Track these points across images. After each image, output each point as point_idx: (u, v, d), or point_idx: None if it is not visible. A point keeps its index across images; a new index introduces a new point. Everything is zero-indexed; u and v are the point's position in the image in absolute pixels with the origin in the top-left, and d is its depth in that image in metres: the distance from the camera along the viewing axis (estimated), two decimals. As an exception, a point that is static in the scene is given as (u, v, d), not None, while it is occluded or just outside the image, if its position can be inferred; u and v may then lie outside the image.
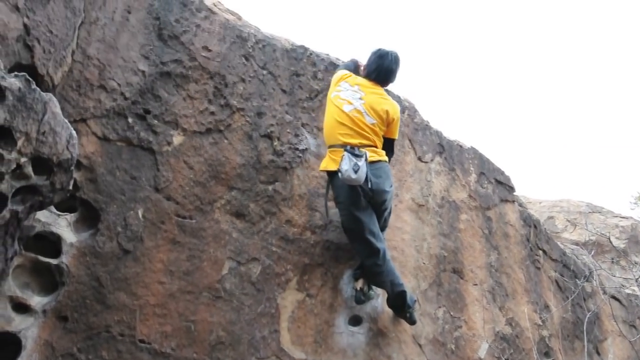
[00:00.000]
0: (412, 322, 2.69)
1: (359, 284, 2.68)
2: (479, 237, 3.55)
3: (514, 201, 4.03)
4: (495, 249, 3.61)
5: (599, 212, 6.85)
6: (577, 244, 5.90)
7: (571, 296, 3.81)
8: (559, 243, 4.56)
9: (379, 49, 2.73)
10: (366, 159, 2.38)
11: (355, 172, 2.30)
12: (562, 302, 3.91)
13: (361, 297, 2.62)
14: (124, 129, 2.21)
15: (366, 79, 2.70)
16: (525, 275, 3.73)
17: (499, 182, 3.98)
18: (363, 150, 2.43)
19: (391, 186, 2.59)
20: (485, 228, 3.63)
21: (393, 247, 2.98)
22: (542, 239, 4.18)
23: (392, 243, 2.99)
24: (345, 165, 2.31)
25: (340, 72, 2.72)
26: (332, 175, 2.53)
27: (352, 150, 2.37)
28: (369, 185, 2.39)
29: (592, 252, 3.75)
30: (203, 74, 2.52)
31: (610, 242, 3.62)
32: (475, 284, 3.34)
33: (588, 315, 3.65)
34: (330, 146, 2.56)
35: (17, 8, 1.76)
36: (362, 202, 2.46)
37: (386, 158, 2.63)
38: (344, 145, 2.43)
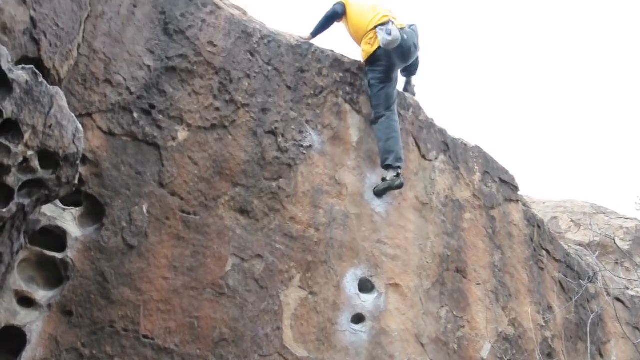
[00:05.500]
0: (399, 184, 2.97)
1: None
2: (483, 237, 3.53)
3: (518, 201, 4.01)
4: (499, 249, 3.60)
5: (604, 213, 6.82)
6: (581, 244, 5.87)
7: (575, 297, 3.80)
8: (562, 244, 4.54)
9: None
10: (393, 24, 3.05)
11: (389, 34, 2.97)
12: (565, 303, 3.89)
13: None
14: (129, 123, 2.21)
15: None
16: (528, 276, 3.71)
17: (503, 182, 3.96)
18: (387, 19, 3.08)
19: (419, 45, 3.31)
20: (489, 227, 3.61)
21: (397, 245, 2.97)
22: (546, 239, 4.16)
23: (395, 241, 2.98)
24: (381, 32, 3.00)
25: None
26: (369, 60, 3.11)
27: (380, 26, 3.04)
28: (404, 38, 3.06)
29: (597, 254, 3.73)
30: (208, 69, 2.51)
31: (615, 243, 3.60)
32: (479, 284, 3.33)
33: (591, 317, 3.63)
34: (363, 37, 3.14)
35: (24, 1, 1.76)
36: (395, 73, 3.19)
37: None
38: (374, 28, 3.07)
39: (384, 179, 3.01)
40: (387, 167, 3.00)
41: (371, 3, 3.25)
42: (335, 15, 3.26)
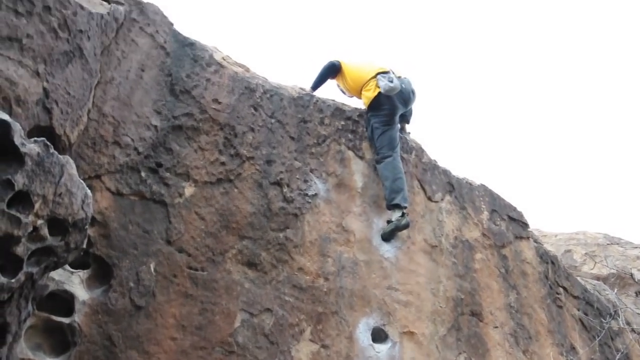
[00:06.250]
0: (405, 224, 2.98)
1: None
2: (496, 277, 3.45)
3: (529, 237, 3.95)
4: (514, 289, 3.51)
5: (618, 244, 6.66)
6: (598, 278, 5.70)
7: (598, 336, 3.64)
8: (579, 279, 4.42)
9: None
10: (393, 73, 3.29)
11: (391, 82, 3.19)
12: (588, 342, 3.73)
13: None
14: (136, 182, 2.24)
15: None
16: (547, 315, 3.59)
17: (511, 219, 3.92)
18: (388, 70, 3.32)
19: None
20: (501, 267, 3.54)
21: (408, 291, 2.91)
22: (562, 275, 4.06)
23: (407, 287, 2.92)
24: (382, 80, 3.20)
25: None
26: (371, 105, 3.25)
27: (382, 74, 3.26)
28: (402, 86, 3.27)
29: (615, 291, 3.61)
30: (213, 126, 2.58)
31: (633, 277, 3.50)
32: (496, 327, 3.22)
33: (618, 357, 3.47)
34: (363, 86, 3.31)
35: (37, 73, 1.85)
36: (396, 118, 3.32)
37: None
38: (374, 76, 3.27)
39: (389, 221, 3.00)
40: (393, 207, 3.00)
41: (367, 59, 3.49)
42: (332, 68, 3.43)
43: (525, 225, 3.99)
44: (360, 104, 3.46)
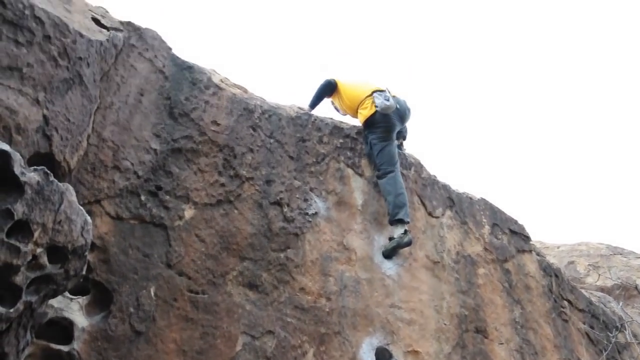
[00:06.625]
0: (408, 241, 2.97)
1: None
2: (500, 292, 3.42)
3: (531, 251, 3.93)
4: (518, 303, 3.47)
5: (621, 254, 6.63)
6: (602, 289, 5.65)
7: (605, 350, 3.59)
8: (583, 291, 4.38)
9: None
10: (389, 92, 3.37)
11: (387, 100, 3.24)
12: (595, 357, 3.67)
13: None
14: (136, 206, 2.24)
15: None
16: (553, 330, 3.55)
17: (513, 232, 3.91)
18: (384, 88, 3.39)
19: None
20: (504, 281, 3.51)
21: (411, 309, 2.88)
22: (566, 288, 4.02)
23: (410, 305, 2.89)
24: (378, 99, 3.25)
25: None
26: (367, 122, 3.30)
27: (378, 92, 3.32)
28: (398, 105, 3.32)
29: (621, 304, 3.58)
30: (212, 147, 2.60)
31: (638, 289, 3.47)
32: (502, 343, 3.17)
33: (626, 371, 3.41)
34: (359, 105, 3.38)
35: (37, 101, 1.87)
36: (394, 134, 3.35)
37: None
38: (370, 94, 3.34)
39: (391, 238, 2.99)
40: (397, 222, 3.00)
41: (363, 78, 3.57)
42: (329, 87, 3.51)
43: (527, 238, 3.97)
44: (356, 122, 3.50)
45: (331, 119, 3.31)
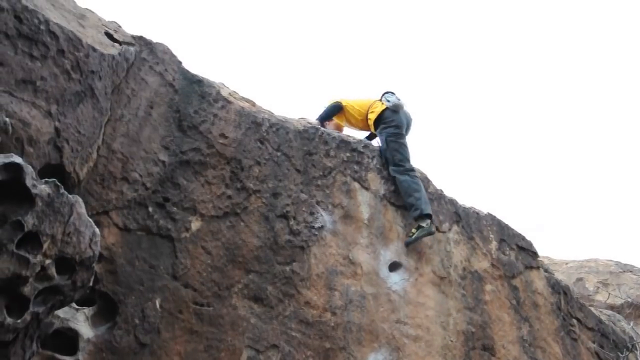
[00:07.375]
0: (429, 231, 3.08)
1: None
2: (507, 309, 3.38)
3: (539, 267, 3.88)
4: (526, 321, 3.42)
5: (630, 271, 6.52)
6: (612, 307, 5.55)
7: (615, 370, 3.51)
8: (592, 309, 4.30)
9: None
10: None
11: (398, 99, 3.52)
12: (606, 377, 3.59)
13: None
14: (144, 218, 2.26)
15: None
16: (561, 349, 3.48)
17: (521, 248, 3.87)
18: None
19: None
20: (512, 298, 3.46)
21: (417, 325, 2.85)
22: (575, 306, 3.96)
23: (415, 320, 2.86)
24: (389, 97, 3.54)
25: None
26: (378, 120, 3.53)
27: (388, 93, 3.59)
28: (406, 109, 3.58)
29: (632, 324, 3.51)
30: (220, 160, 2.62)
31: (649, 308, 3.40)
32: (509, 362, 3.12)
33: (638, 393, 3.32)
34: (369, 109, 3.64)
35: (49, 114, 1.90)
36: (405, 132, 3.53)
37: None
38: (379, 98, 3.64)
39: (419, 226, 3.09)
40: (425, 217, 3.10)
41: (366, 96, 3.88)
42: (337, 108, 3.78)
43: (534, 254, 3.93)
44: (363, 135, 3.52)
45: (338, 133, 3.32)
